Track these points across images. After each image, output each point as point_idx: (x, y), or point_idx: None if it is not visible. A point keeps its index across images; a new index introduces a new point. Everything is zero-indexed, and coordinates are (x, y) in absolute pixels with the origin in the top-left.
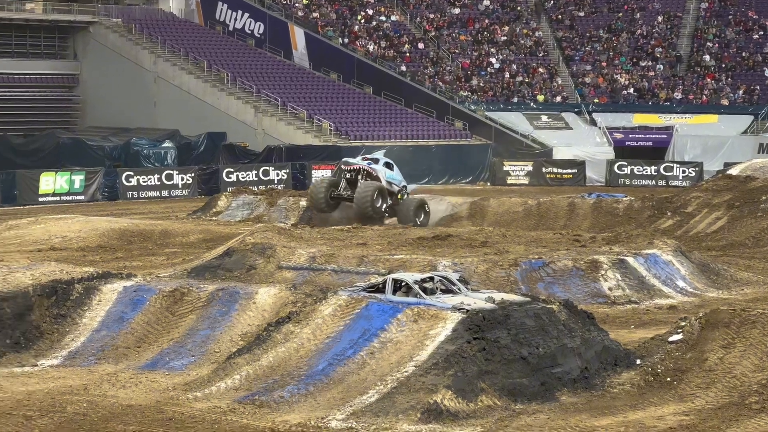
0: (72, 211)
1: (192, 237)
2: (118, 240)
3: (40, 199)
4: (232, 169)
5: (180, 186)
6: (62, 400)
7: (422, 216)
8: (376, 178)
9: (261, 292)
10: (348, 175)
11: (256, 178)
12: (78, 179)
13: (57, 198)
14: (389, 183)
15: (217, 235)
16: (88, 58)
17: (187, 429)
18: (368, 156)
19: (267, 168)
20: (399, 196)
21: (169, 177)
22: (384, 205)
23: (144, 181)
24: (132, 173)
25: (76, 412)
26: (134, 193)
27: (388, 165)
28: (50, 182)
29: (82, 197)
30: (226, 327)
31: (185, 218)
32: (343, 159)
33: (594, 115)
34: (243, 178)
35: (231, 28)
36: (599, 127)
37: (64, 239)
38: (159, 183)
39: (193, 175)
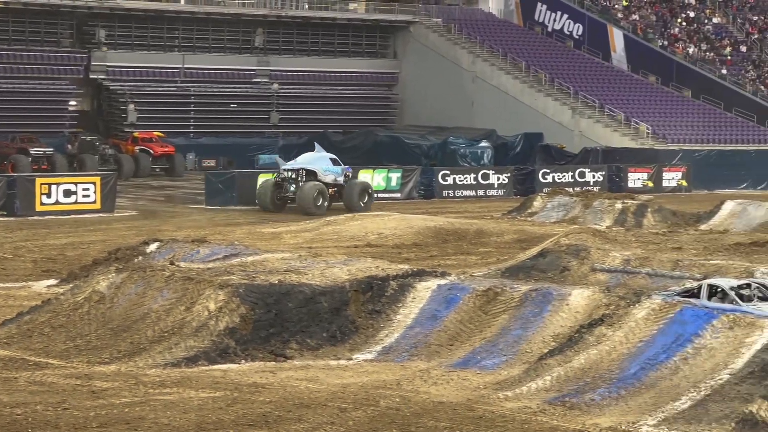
0: (388, 209)
1: (506, 237)
2: (433, 238)
3: None
4: (548, 170)
5: (496, 186)
6: (376, 394)
7: (366, 198)
8: (314, 173)
9: (574, 294)
10: (291, 174)
11: (572, 180)
12: (395, 177)
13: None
14: (331, 176)
15: (531, 235)
16: (408, 57)
17: (497, 428)
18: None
19: (583, 170)
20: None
21: (485, 177)
22: (326, 202)
23: (460, 180)
24: (448, 172)
25: (389, 407)
26: (450, 191)
27: (332, 160)
28: (367, 179)
29: (399, 195)
30: (538, 328)
31: (500, 218)
32: (282, 165)
33: None
34: (559, 179)
35: (550, 29)
36: None
37: (380, 236)
38: (475, 182)
39: (509, 175)
